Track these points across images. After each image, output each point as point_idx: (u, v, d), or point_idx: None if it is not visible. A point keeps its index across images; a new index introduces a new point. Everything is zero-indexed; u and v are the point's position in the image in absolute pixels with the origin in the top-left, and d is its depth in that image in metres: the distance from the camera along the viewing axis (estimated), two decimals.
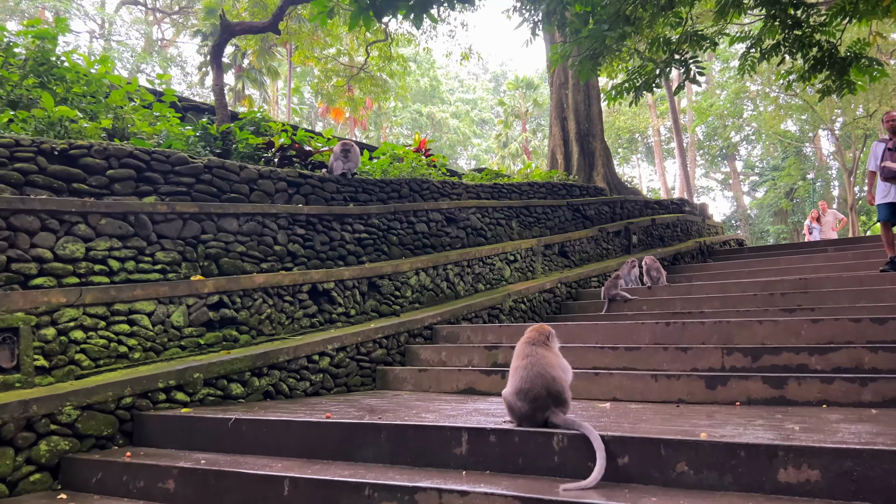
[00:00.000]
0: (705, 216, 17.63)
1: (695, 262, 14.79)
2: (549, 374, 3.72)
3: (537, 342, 3.91)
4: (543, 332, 3.98)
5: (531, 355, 3.82)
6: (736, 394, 5.61)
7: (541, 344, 3.91)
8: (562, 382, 3.75)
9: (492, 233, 10.84)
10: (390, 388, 7.26)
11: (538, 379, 3.70)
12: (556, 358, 3.85)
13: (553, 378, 3.72)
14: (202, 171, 7.01)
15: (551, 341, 3.97)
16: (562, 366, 3.85)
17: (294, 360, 6.40)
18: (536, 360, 3.77)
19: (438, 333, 8.22)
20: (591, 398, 6.14)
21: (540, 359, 3.77)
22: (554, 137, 16.60)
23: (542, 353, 3.80)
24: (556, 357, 3.86)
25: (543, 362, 3.76)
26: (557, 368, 3.79)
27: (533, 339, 3.94)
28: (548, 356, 3.82)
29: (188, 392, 5.44)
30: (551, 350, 3.91)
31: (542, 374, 3.71)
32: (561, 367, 3.83)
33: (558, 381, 3.73)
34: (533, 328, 4.04)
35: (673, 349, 6.41)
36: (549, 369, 3.74)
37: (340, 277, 7.62)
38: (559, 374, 3.77)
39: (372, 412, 4.91)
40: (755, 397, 5.53)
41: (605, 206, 13.89)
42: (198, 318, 6.10)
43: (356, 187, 8.90)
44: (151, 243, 6.18)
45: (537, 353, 3.82)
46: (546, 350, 3.88)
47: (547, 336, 3.96)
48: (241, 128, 8.93)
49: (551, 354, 3.84)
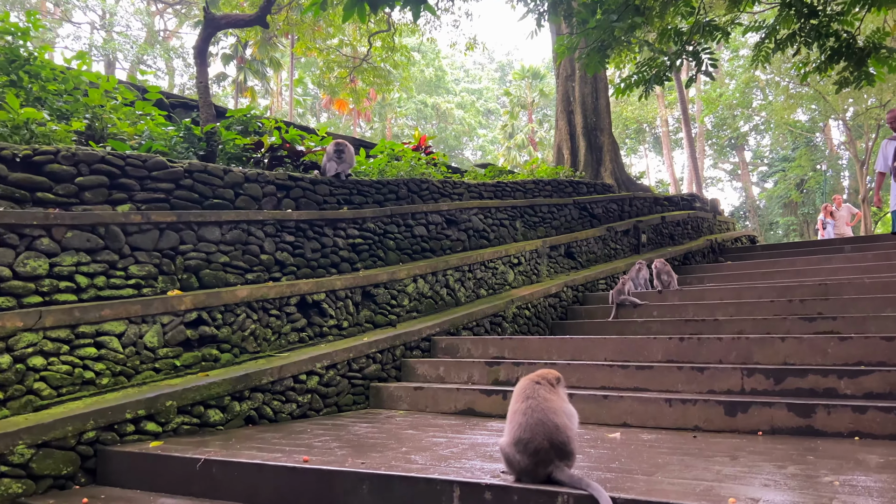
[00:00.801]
0: (716, 212, 17.09)
1: (706, 261, 14.28)
2: (551, 421, 3.24)
3: (541, 382, 3.43)
4: (550, 376, 3.49)
5: (532, 397, 3.35)
6: (758, 422, 5.13)
7: (545, 384, 3.42)
8: (567, 432, 3.27)
9: (495, 234, 10.36)
10: (385, 406, 6.80)
11: (539, 427, 3.23)
12: (562, 402, 3.36)
13: (556, 427, 3.24)
14: (182, 176, 6.54)
15: (558, 385, 3.48)
16: (567, 412, 3.37)
17: (279, 381, 5.94)
18: (537, 404, 3.29)
19: (437, 346, 7.75)
20: (599, 423, 5.67)
21: (542, 402, 3.29)
22: (560, 132, 16.06)
23: (545, 396, 3.32)
24: (562, 402, 3.37)
25: (545, 406, 3.28)
26: (562, 414, 3.31)
27: (537, 379, 3.46)
28: (551, 399, 3.34)
29: (160, 422, 4.99)
30: (556, 393, 3.42)
31: (543, 422, 3.23)
32: (566, 414, 3.35)
33: (563, 430, 3.25)
34: (538, 373, 3.55)
35: (688, 369, 5.92)
36: (551, 416, 3.26)
37: (332, 287, 7.16)
38: (563, 421, 3.29)
39: (357, 448, 4.45)
40: (780, 426, 5.05)
41: (613, 204, 13.37)
42: (174, 337, 5.64)
43: (350, 189, 8.42)
44: (124, 256, 5.72)
45: (539, 396, 3.34)
46: (550, 392, 3.40)
47: (554, 380, 3.48)
48: (227, 127, 8.44)
49: (556, 398, 3.36)
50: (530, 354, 7.19)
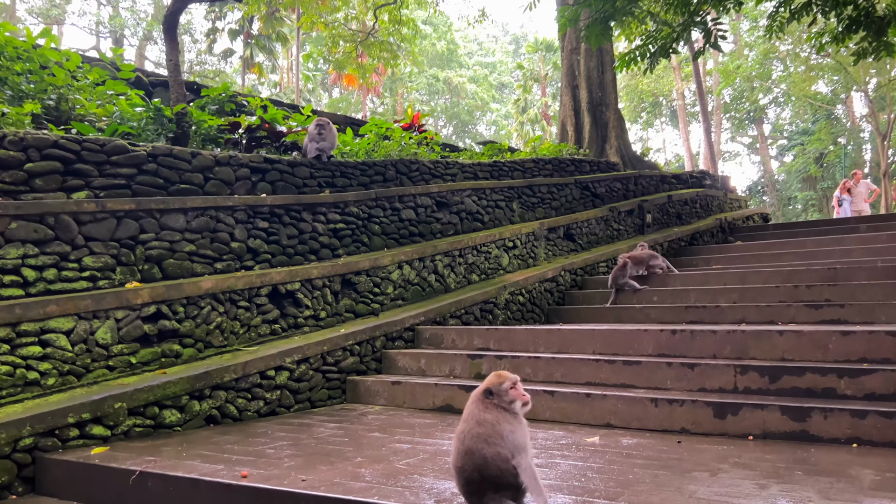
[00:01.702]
0: (727, 189, 16.52)
1: (715, 241, 13.79)
2: (479, 453, 2.83)
3: (485, 400, 3.03)
4: (499, 385, 3.08)
5: (467, 420, 2.98)
6: (749, 425, 4.75)
7: (490, 404, 3.01)
8: (497, 464, 2.84)
9: (489, 217, 9.95)
10: (362, 401, 6.49)
11: (468, 458, 2.86)
12: (503, 426, 2.93)
13: (485, 460, 2.82)
14: (145, 161, 6.19)
15: (508, 396, 3.08)
16: (509, 441, 2.89)
17: (244, 378, 5.64)
18: (470, 431, 2.91)
19: (421, 336, 7.41)
20: (581, 423, 5.32)
21: (475, 427, 2.90)
22: (564, 107, 15.52)
23: (483, 419, 2.92)
24: (505, 424, 2.94)
25: (478, 433, 2.88)
26: (496, 444, 2.86)
27: (482, 393, 3.06)
28: (486, 424, 2.91)
29: (108, 425, 4.71)
30: (502, 412, 3.00)
31: (472, 452, 2.85)
32: (505, 443, 2.87)
33: (492, 464, 2.82)
34: (492, 376, 3.16)
35: (678, 365, 5.54)
36: (481, 446, 2.84)
37: (307, 276, 6.82)
38: (496, 451, 2.84)
39: (309, 459, 4.13)
40: (772, 430, 4.67)
41: (617, 183, 12.89)
42: (129, 333, 5.34)
43: (333, 171, 8.04)
44: (77, 247, 5.41)
45: (474, 418, 2.95)
46: (494, 413, 2.97)
47: (502, 391, 3.06)
48: (202, 107, 8.08)
49: (498, 420, 2.93)
50: (516, 346, 6.83)
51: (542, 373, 6.11)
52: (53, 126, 6.43)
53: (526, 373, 6.17)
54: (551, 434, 4.92)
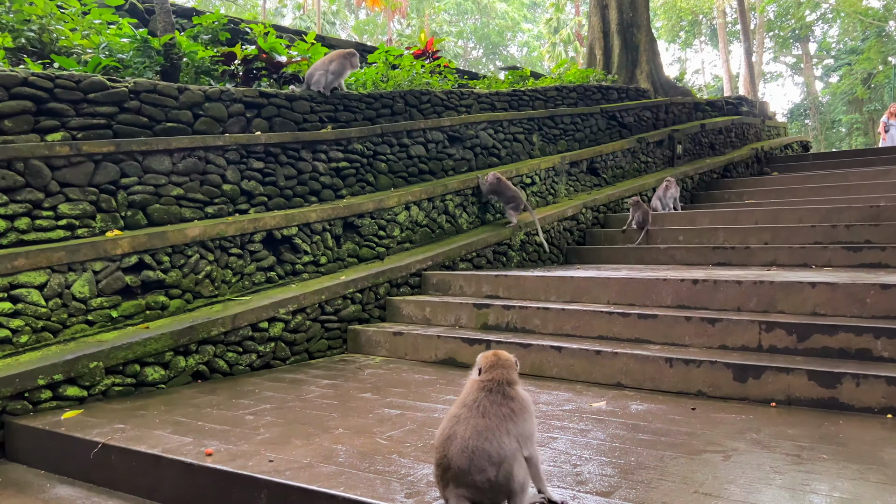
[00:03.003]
0: (766, 116, 15.60)
1: (750, 173, 13.05)
2: (485, 450, 2.47)
3: (493, 389, 2.61)
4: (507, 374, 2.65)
5: (469, 406, 2.57)
6: (773, 390, 4.34)
7: (496, 393, 2.60)
8: (510, 484, 2.49)
9: (507, 151, 9.40)
10: (363, 351, 6.20)
11: (463, 458, 2.48)
12: (504, 421, 2.54)
13: (498, 460, 2.48)
14: (126, 98, 5.77)
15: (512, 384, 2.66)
16: (518, 436, 2.55)
17: (233, 332, 5.34)
18: (472, 428, 2.52)
19: (428, 281, 7.04)
20: (590, 382, 4.96)
21: (476, 425, 2.52)
22: (593, 29, 14.57)
23: (484, 410, 2.54)
24: (506, 419, 2.55)
25: (473, 424, 2.51)
26: (490, 440, 2.50)
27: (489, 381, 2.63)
28: (485, 416, 2.53)
29: (84, 385, 4.46)
30: (509, 401, 2.59)
31: (477, 453, 2.48)
32: (498, 443, 2.52)
33: (503, 468, 2.49)
34: (487, 358, 2.74)
35: (698, 319, 5.09)
36: (474, 439, 2.48)
37: (306, 220, 6.44)
38: (509, 452, 2.51)
39: (287, 428, 3.84)
40: (798, 396, 4.26)
41: (646, 112, 12.14)
42: (109, 285, 5.04)
43: (336, 105, 7.54)
44: (52, 194, 5.08)
45: (478, 408, 2.56)
46: (501, 403, 2.58)
47: (508, 381, 2.64)
48: (195, 37, 7.56)
49: (500, 412, 2.54)
50: (525, 294, 6.43)
51: (551, 325, 5.72)
52: (29, 61, 6.01)
53: (534, 324, 5.79)
54: (556, 396, 4.57)
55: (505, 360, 2.69)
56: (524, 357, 5.26)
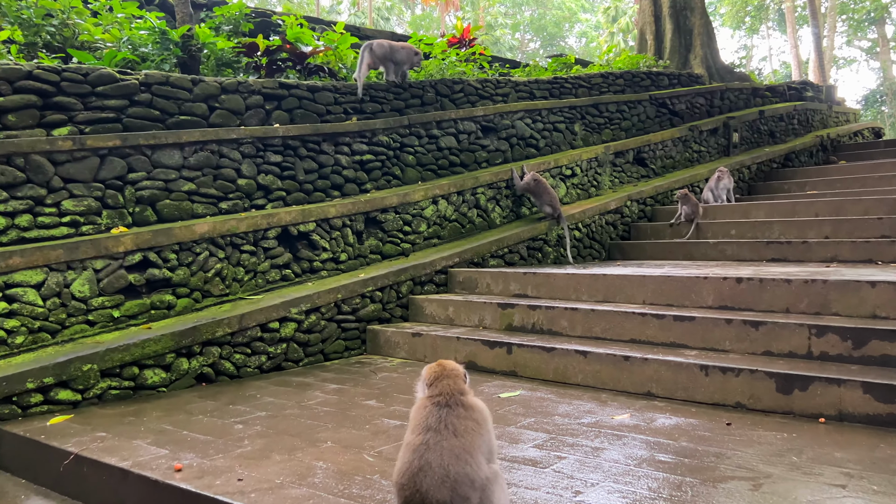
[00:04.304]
0: (833, 101, 14.63)
1: (814, 162, 12.21)
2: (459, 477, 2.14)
3: (450, 401, 2.31)
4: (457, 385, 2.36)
5: (435, 428, 2.25)
6: (821, 404, 3.83)
7: (454, 405, 2.31)
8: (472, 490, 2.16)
9: (546, 141, 8.95)
10: (382, 353, 5.89)
11: (441, 485, 2.15)
12: (474, 437, 2.23)
13: (467, 484, 2.15)
14: (137, 91, 5.60)
15: (465, 394, 2.36)
16: (486, 452, 2.26)
17: (241, 332, 5.10)
18: (448, 453, 2.19)
19: (454, 279, 6.68)
20: (617, 391, 4.52)
21: (452, 449, 2.19)
22: (643, 13, 13.91)
23: (455, 428, 2.22)
24: (475, 434, 2.24)
25: (448, 447, 2.19)
26: (469, 462, 2.18)
27: (442, 396, 2.33)
28: (457, 435, 2.21)
29: (77, 388, 4.28)
30: (471, 412, 2.31)
31: (446, 479, 2.15)
32: (476, 464, 2.20)
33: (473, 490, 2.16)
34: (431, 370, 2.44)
35: (740, 322, 4.59)
36: (453, 464, 2.16)
37: (324, 216, 6.17)
38: (478, 476, 2.18)
39: (272, 440, 3.55)
40: (850, 412, 3.74)
41: (699, 98, 11.47)
42: (111, 284, 4.86)
43: (361, 96, 7.25)
44: (54, 190, 4.93)
45: (447, 427, 2.24)
46: (466, 417, 2.28)
47: (461, 391, 2.35)
48: (216, 28, 7.38)
49: (468, 427, 2.24)
50: (555, 293, 6.01)
51: (579, 327, 5.29)
52: (43, 55, 5.90)
53: (562, 326, 5.37)
54: (576, 407, 4.16)
55: (451, 369, 2.37)
56: (547, 362, 4.87)
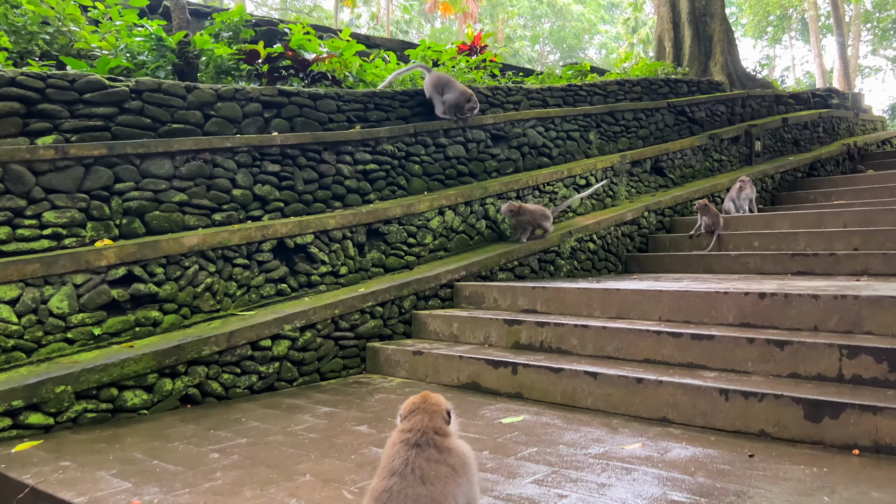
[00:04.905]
0: (859, 109, 14.16)
1: (840, 171, 11.76)
2: None
3: (421, 443, 2.01)
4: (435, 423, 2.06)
5: (401, 473, 1.95)
6: (855, 433, 3.45)
7: (426, 445, 2.01)
8: None
9: (559, 150, 8.63)
10: (382, 371, 5.59)
11: None
12: (447, 485, 1.93)
13: None
14: (127, 98, 5.38)
15: (444, 434, 2.05)
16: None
17: (229, 351, 4.82)
18: (401, 493, 1.90)
19: (460, 293, 6.37)
20: (630, 416, 4.17)
21: (417, 499, 1.89)
22: (661, 20, 13.56)
23: (423, 473, 1.92)
24: (448, 481, 1.94)
25: (412, 497, 1.89)
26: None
27: (414, 433, 2.04)
28: (425, 482, 1.92)
29: (49, 412, 4.01)
30: (446, 456, 2.00)
31: None
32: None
33: None
34: (410, 402, 2.14)
35: (763, 341, 4.22)
36: None
37: (323, 227, 5.89)
38: None
39: (246, 473, 3.25)
40: (889, 444, 3.36)
41: (720, 106, 11.08)
42: (92, 299, 4.61)
43: (365, 104, 7.00)
44: (35, 201, 4.70)
45: (413, 472, 1.95)
46: (438, 461, 1.98)
47: (440, 428, 2.05)
48: (216, 35, 7.16)
49: (441, 473, 1.94)
50: (565, 309, 5.67)
51: (590, 345, 4.95)
52: (33, 62, 5.71)
53: (571, 344, 5.03)
54: (584, 435, 3.81)
55: (431, 403, 2.06)
56: (555, 384, 4.53)
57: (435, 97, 7.34)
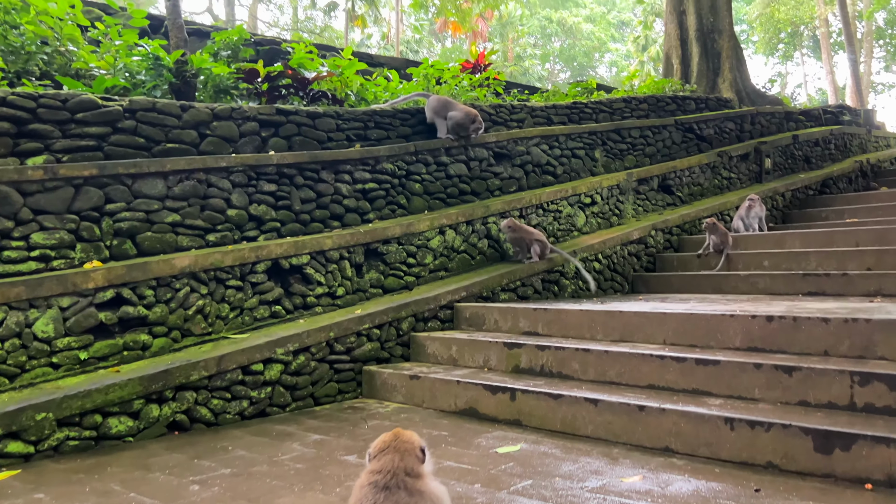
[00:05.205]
0: (872, 125, 13.96)
1: (852, 188, 11.55)
2: None
3: (391, 482, 1.86)
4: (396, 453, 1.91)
5: None
6: (868, 467, 3.27)
7: (396, 487, 1.86)
8: None
9: (564, 168, 8.50)
10: (378, 396, 5.44)
11: None
12: None
13: None
14: (121, 117, 5.31)
15: (417, 476, 1.90)
16: None
17: (219, 376, 4.69)
18: None
19: (461, 315, 6.22)
20: (631, 445, 4.00)
21: None
22: (669, 37, 13.46)
23: None
24: None
25: None
26: None
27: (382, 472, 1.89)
28: None
29: (30, 440, 3.89)
30: (418, 500, 1.85)
31: None
32: None
33: None
34: (381, 440, 1.99)
35: (770, 367, 4.05)
36: None
37: (319, 248, 5.78)
38: None
39: (234, 501, 3.12)
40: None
41: (728, 123, 10.93)
42: (79, 323, 4.50)
43: (366, 122, 6.91)
44: (23, 223, 4.61)
45: None
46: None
47: (412, 468, 1.90)
48: (214, 54, 7.11)
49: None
50: (567, 331, 5.51)
51: (592, 370, 4.78)
52: (27, 81, 5.66)
53: (573, 369, 4.87)
54: (582, 466, 3.64)
55: (403, 441, 1.90)
56: (554, 411, 4.37)
57: (437, 120, 7.24)
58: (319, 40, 38.71)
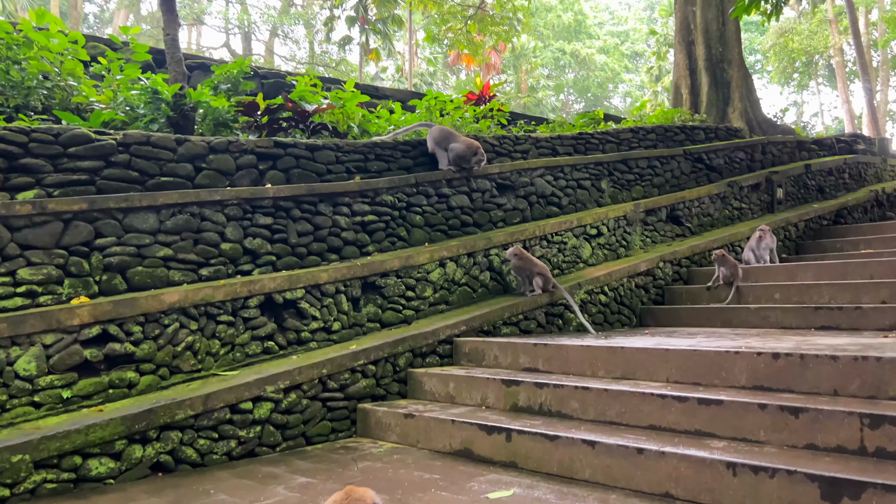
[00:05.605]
0: (887, 154, 13.73)
1: (868, 218, 11.32)
2: None
3: None
4: None
5: None
6: None
7: None
8: None
9: (569, 199, 8.37)
10: (372, 435, 5.27)
11: None
12: None
13: None
14: (114, 151, 5.27)
15: None
16: None
17: (205, 415, 4.56)
18: None
19: (460, 350, 6.07)
20: (630, 490, 3.81)
21: None
22: (678, 67, 13.38)
23: None
24: None
25: None
26: None
27: None
28: None
29: (6, 483, 3.77)
30: None
31: None
32: None
33: None
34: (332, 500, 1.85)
35: (776, 408, 3.85)
36: None
37: (315, 282, 5.67)
38: None
39: None
40: None
41: (739, 153, 10.78)
42: (63, 360, 4.40)
43: (366, 155, 6.85)
44: (9, 258, 4.55)
45: None
46: None
47: None
48: (214, 87, 7.10)
49: None
50: (568, 368, 5.33)
51: (591, 409, 4.60)
52: (23, 116, 5.65)
53: (572, 408, 4.69)
54: None
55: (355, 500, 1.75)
56: (551, 453, 4.19)
57: (438, 152, 7.17)
58: (336, 74, 39.16)
